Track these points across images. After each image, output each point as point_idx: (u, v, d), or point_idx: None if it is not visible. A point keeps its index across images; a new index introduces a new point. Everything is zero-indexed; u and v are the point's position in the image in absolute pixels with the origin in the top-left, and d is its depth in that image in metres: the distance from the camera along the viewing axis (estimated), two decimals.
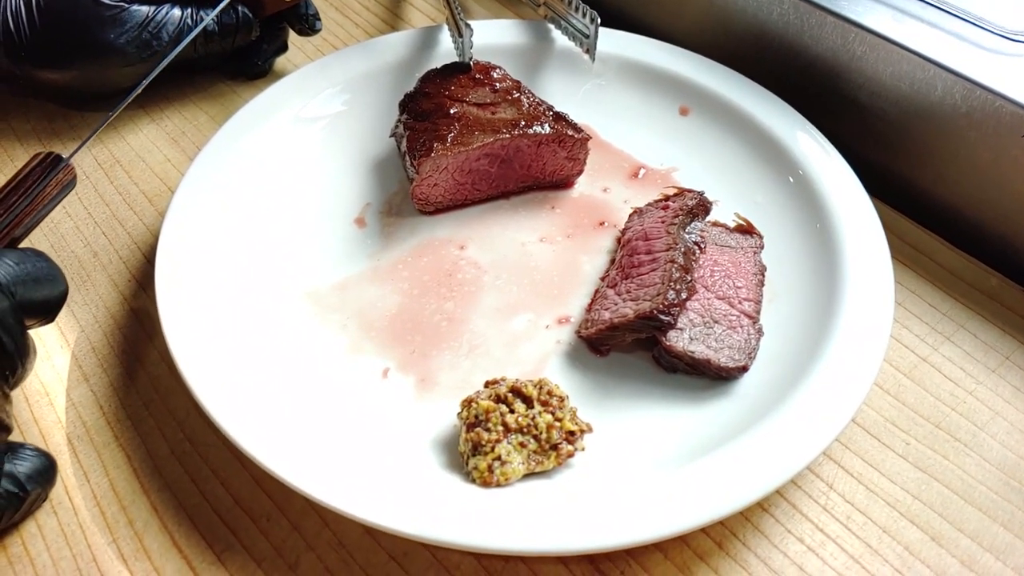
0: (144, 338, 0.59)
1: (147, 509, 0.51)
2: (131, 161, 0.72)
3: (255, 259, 0.61)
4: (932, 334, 0.60)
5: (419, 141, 0.63)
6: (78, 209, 0.68)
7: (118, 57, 0.69)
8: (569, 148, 0.65)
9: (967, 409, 0.56)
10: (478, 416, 0.49)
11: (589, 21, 0.71)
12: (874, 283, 0.57)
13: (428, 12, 0.89)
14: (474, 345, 0.57)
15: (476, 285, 0.61)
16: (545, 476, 0.50)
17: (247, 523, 0.50)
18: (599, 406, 0.54)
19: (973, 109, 0.62)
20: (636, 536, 0.45)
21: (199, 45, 0.73)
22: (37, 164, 0.53)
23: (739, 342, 0.54)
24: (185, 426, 0.55)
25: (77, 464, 0.53)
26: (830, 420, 0.50)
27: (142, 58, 0.70)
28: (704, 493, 0.47)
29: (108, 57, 0.69)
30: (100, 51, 0.68)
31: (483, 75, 0.68)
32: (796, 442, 0.49)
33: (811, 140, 0.67)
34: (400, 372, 0.56)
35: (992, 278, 0.64)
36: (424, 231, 0.65)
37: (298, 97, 0.70)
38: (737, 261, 0.59)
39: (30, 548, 0.49)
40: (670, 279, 0.54)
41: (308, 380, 0.55)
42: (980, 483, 0.53)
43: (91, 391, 0.56)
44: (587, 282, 0.61)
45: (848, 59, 0.69)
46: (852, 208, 0.62)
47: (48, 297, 0.47)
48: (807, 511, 0.51)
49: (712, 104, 0.71)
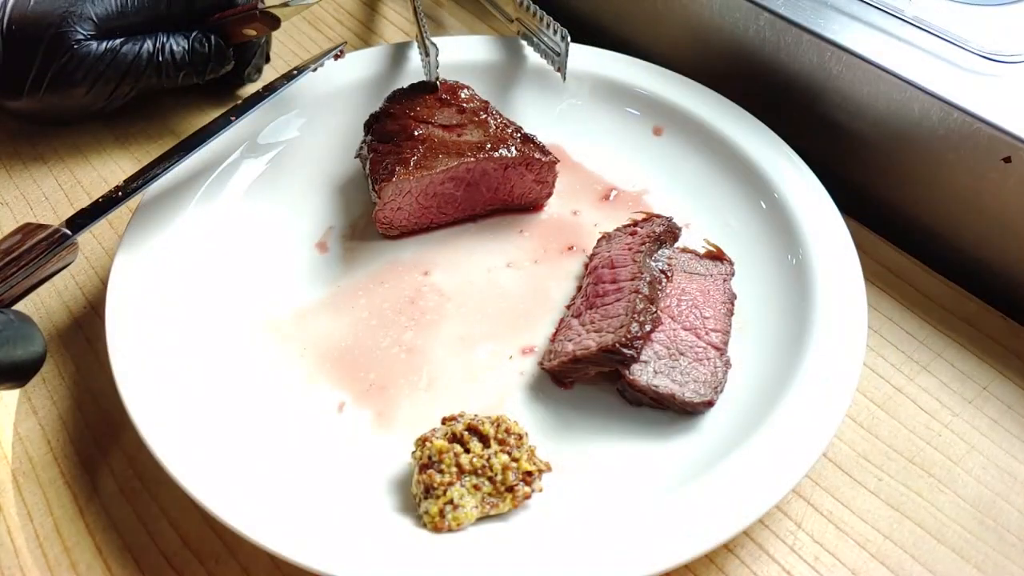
0: (96, 367, 0.58)
1: (91, 551, 0.49)
2: (93, 182, 0.70)
3: (212, 286, 0.59)
4: (908, 363, 0.59)
5: (382, 164, 0.61)
6: None
7: (76, 91, 0.68)
8: (537, 171, 0.63)
9: (942, 443, 0.55)
10: (431, 457, 0.47)
11: (560, 39, 0.69)
12: (847, 312, 0.55)
13: (403, 27, 0.87)
14: (434, 378, 0.55)
15: (439, 313, 0.59)
16: (501, 519, 0.48)
17: (195, 566, 0.49)
18: (561, 440, 0.52)
19: (951, 131, 0.61)
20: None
21: (170, 77, 0.71)
22: (43, 239, 0.51)
23: (705, 375, 0.52)
24: (135, 462, 0.53)
25: (21, 503, 0.51)
26: (799, 456, 0.49)
27: (103, 92, 0.69)
28: (668, 535, 0.46)
29: (66, 90, 0.68)
30: (59, 84, 0.67)
31: (450, 95, 0.66)
32: (763, 479, 0.48)
33: (787, 162, 0.65)
34: (356, 406, 0.54)
35: (971, 303, 0.62)
36: (388, 256, 0.63)
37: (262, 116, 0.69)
38: (706, 289, 0.57)
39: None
40: (634, 310, 0.53)
41: (262, 415, 0.53)
42: (954, 521, 0.51)
43: (39, 424, 0.55)
44: (554, 309, 0.60)
45: (825, 78, 0.67)
46: (826, 234, 0.60)
47: (25, 360, 0.46)
48: (774, 552, 0.50)
49: (686, 124, 0.70)
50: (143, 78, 0.69)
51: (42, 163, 0.72)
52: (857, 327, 0.54)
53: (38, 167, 0.72)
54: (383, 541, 0.45)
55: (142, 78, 0.69)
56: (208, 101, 0.78)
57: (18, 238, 0.51)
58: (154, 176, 0.58)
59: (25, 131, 0.74)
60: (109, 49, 0.67)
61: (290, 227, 0.64)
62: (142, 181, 0.58)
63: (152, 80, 0.70)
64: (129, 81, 0.69)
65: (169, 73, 0.70)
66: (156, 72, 0.69)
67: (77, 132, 0.74)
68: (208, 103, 0.77)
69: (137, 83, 0.69)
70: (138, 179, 0.58)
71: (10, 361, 0.44)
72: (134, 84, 0.69)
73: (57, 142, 0.74)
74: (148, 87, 0.71)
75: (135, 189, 0.57)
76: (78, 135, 0.74)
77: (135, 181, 0.58)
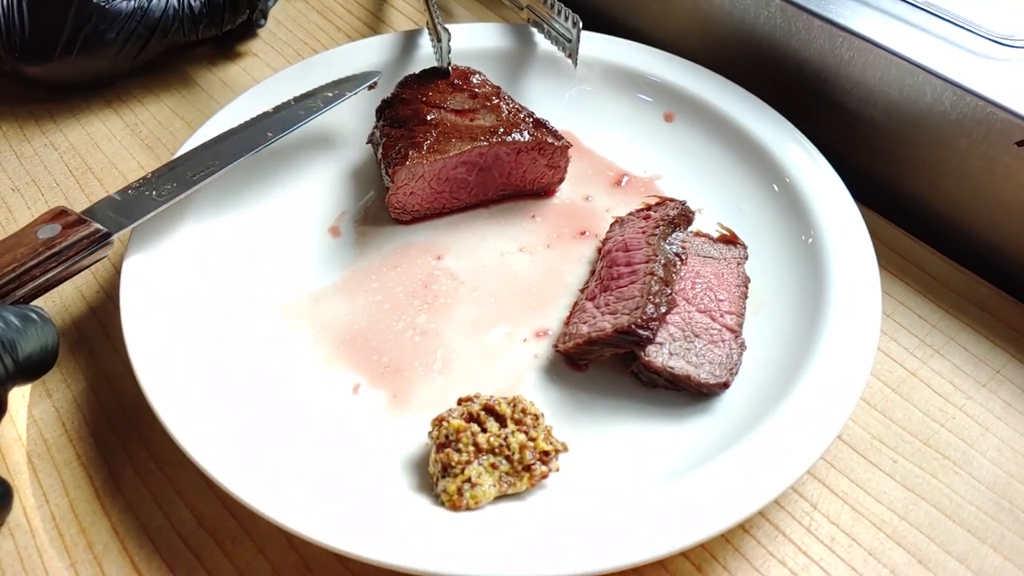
0: (110, 351, 0.58)
1: (107, 531, 0.49)
2: (103, 168, 0.70)
3: (225, 270, 0.59)
4: (921, 347, 0.59)
5: (395, 148, 0.61)
6: None
7: (108, 49, 0.70)
8: (549, 156, 0.63)
9: (956, 425, 0.55)
10: (448, 436, 0.47)
11: (571, 25, 0.69)
12: (861, 295, 0.55)
13: (411, 15, 0.87)
14: (448, 360, 0.55)
15: (452, 297, 0.59)
16: (518, 498, 0.48)
17: (211, 546, 0.49)
18: (576, 423, 0.52)
19: (963, 116, 0.61)
20: (613, 562, 0.43)
21: (189, 31, 0.74)
22: (86, 237, 0.52)
23: (720, 357, 0.52)
24: (150, 444, 0.53)
25: (37, 484, 0.51)
26: (815, 437, 0.49)
27: (133, 49, 0.71)
28: (683, 515, 0.46)
29: (98, 50, 0.70)
30: (90, 45, 0.69)
31: (462, 81, 0.66)
32: (779, 461, 0.48)
33: (798, 147, 0.65)
34: (372, 388, 0.54)
35: (982, 288, 0.62)
36: (400, 240, 0.63)
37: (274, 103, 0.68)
38: (720, 273, 0.57)
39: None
40: (649, 292, 0.53)
41: (277, 396, 0.53)
42: (969, 503, 0.51)
43: (54, 407, 0.55)
44: (567, 293, 0.60)
45: (836, 64, 0.67)
46: (839, 217, 0.60)
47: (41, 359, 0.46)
48: (790, 532, 0.50)
49: (697, 110, 0.69)
50: (170, 33, 0.72)
51: (52, 149, 0.72)
52: (871, 309, 0.54)
53: (48, 153, 0.72)
54: (399, 518, 0.45)
55: (169, 33, 0.71)
56: (214, 84, 0.78)
57: (58, 230, 0.51)
58: (191, 183, 0.58)
59: (35, 116, 0.74)
60: (138, 7, 0.70)
61: (302, 212, 0.64)
62: (177, 184, 0.57)
63: (178, 35, 0.73)
64: (158, 37, 0.72)
65: (191, 26, 0.73)
66: (181, 26, 0.72)
67: (86, 118, 0.74)
68: (216, 88, 0.77)
69: (165, 39, 0.71)
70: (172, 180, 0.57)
71: (30, 362, 0.45)
72: (162, 39, 0.72)
73: (67, 128, 0.74)
74: (173, 43, 0.74)
75: (173, 192, 0.57)
76: (87, 121, 0.74)
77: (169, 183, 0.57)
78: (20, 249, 0.50)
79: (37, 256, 0.50)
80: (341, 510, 0.46)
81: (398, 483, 0.49)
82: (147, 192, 0.56)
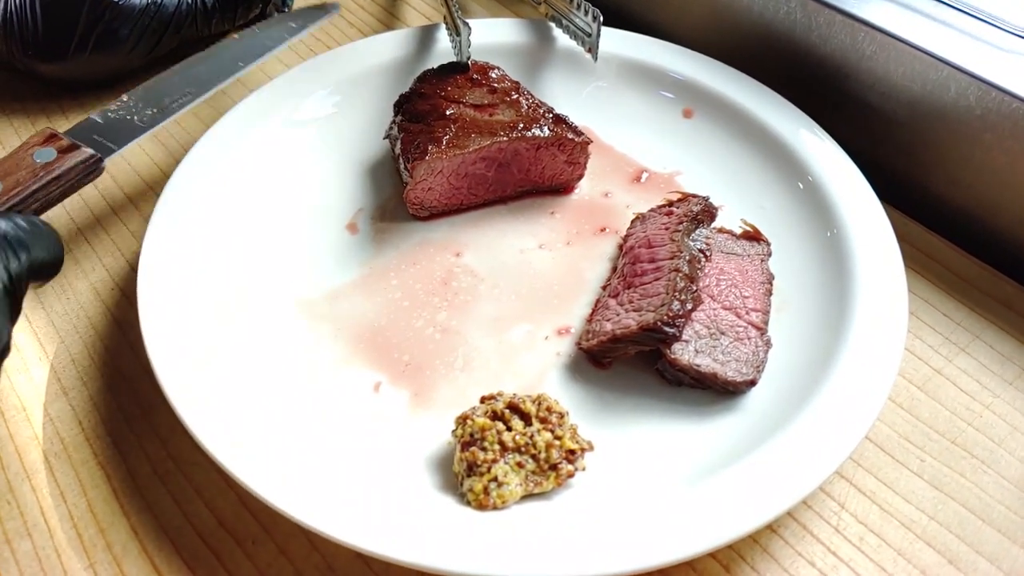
0: (127, 349, 0.57)
1: (126, 532, 0.48)
2: (116, 164, 0.70)
3: (243, 267, 0.59)
4: (946, 345, 0.58)
5: (413, 144, 0.61)
6: (59, 213, 0.65)
7: (122, 46, 0.70)
8: (569, 152, 0.63)
9: (984, 424, 0.54)
10: (473, 434, 0.47)
11: (591, 19, 0.69)
12: (887, 292, 0.55)
13: (425, 11, 0.86)
14: (469, 358, 0.55)
15: (472, 294, 0.58)
16: (544, 498, 0.47)
17: (231, 546, 0.48)
18: (600, 422, 0.52)
19: (988, 111, 0.60)
20: (641, 562, 0.43)
21: (203, 26, 0.74)
22: (82, 162, 0.55)
23: (746, 354, 0.52)
24: (168, 443, 0.52)
25: (54, 483, 0.50)
26: (843, 436, 0.48)
27: (146, 46, 0.71)
28: (711, 515, 0.45)
29: (112, 47, 0.70)
30: (104, 42, 0.69)
31: (481, 76, 0.66)
32: (807, 460, 0.47)
33: (820, 143, 0.64)
34: (393, 386, 0.53)
35: (1007, 285, 0.61)
36: (418, 237, 0.62)
37: (289, 99, 0.68)
38: (744, 269, 0.56)
39: (2, 573, 0.47)
40: (675, 289, 0.52)
41: (297, 395, 0.52)
42: (998, 502, 0.50)
43: (70, 406, 0.54)
44: (588, 291, 0.59)
45: (858, 59, 0.66)
46: (863, 214, 0.59)
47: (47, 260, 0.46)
48: (818, 532, 0.49)
49: (717, 106, 0.69)
50: (184, 29, 0.71)
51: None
52: (898, 307, 0.54)
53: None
54: (423, 517, 0.45)
55: (183, 29, 0.71)
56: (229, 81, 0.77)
57: (54, 155, 0.54)
58: (171, 109, 0.61)
59: (47, 113, 0.74)
60: (152, 3, 0.69)
61: (319, 209, 0.64)
62: (158, 111, 0.60)
63: (191, 30, 0.72)
64: (171, 32, 0.71)
65: (204, 22, 0.73)
66: (194, 21, 0.72)
67: None
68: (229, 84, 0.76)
69: (178, 34, 0.71)
70: (152, 106, 0.60)
71: (39, 262, 0.46)
72: (175, 35, 0.72)
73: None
74: (187, 38, 0.73)
75: (154, 118, 0.59)
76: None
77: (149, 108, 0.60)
78: (21, 172, 0.52)
79: (39, 180, 0.52)
80: (364, 509, 0.45)
81: (421, 482, 0.48)
82: (128, 116, 0.59)
